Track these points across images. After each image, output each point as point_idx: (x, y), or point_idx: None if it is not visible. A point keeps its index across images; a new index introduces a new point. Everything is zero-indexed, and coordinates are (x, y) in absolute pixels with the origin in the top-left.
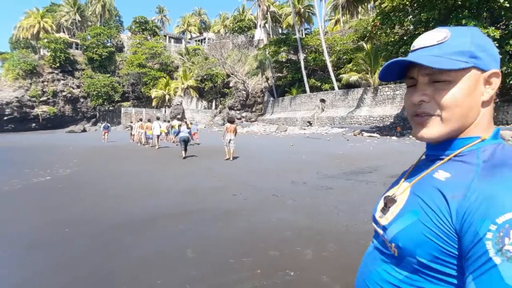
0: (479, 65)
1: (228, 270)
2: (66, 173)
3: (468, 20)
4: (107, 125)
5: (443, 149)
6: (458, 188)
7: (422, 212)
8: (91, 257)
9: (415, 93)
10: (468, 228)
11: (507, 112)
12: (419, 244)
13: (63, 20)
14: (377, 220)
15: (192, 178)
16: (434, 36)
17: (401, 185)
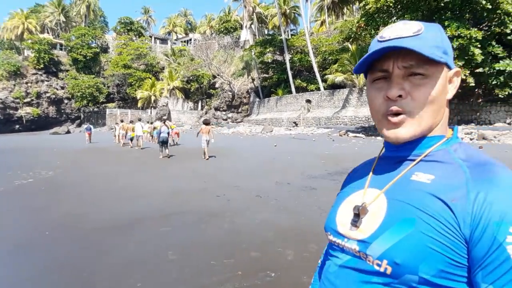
0: (448, 62)
1: (210, 272)
2: (49, 175)
3: (451, 21)
4: (89, 126)
5: (410, 149)
6: (454, 190)
7: (419, 220)
8: (72, 260)
9: (392, 87)
10: (482, 234)
11: (490, 112)
12: (422, 258)
13: (47, 20)
14: (343, 235)
15: (176, 179)
16: (407, 27)
17: (367, 192)
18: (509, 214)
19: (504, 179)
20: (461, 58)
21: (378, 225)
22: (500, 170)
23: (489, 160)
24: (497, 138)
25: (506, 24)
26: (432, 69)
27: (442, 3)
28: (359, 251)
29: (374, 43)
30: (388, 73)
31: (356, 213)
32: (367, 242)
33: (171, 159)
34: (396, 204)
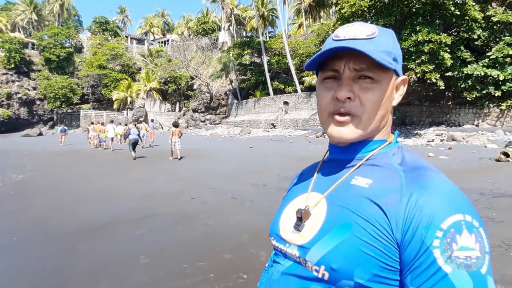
0: (397, 69)
1: (181, 275)
2: (19, 178)
3: (422, 26)
4: (64, 128)
5: (353, 152)
6: (388, 194)
7: (356, 225)
8: (41, 265)
9: (342, 88)
10: (412, 238)
11: (459, 114)
12: (358, 263)
13: (19, 19)
14: (286, 240)
15: (151, 182)
16: (362, 30)
17: (310, 195)
18: (437, 218)
19: (435, 184)
20: (432, 62)
21: (317, 230)
22: (432, 175)
23: (424, 165)
24: (465, 139)
25: (473, 30)
26: (382, 74)
27: (414, 8)
28: (299, 256)
29: (329, 41)
30: (339, 73)
31: (299, 217)
32: (306, 248)
33: (146, 161)
34: (335, 209)
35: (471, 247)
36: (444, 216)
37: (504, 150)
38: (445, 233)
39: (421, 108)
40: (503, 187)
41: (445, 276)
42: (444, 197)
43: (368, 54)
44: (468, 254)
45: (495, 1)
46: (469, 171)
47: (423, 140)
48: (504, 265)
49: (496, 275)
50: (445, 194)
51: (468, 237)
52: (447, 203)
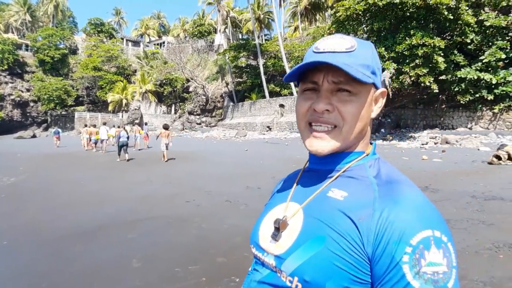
0: (376, 82)
1: (173, 279)
2: (11, 181)
3: (416, 30)
4: (57, 130)
5: (332, 163)
6: (362, 209)
7: (329, 238)
8: (31, 270)
9: (320, 101)
10: (382, 253)
11: (452, 117)
12: (329, 276)
13: (12, 20)
14: (264, 249)
15: (146, 184)
16: (342, 43)
17: (289, 205)
18: (407, 233)
19: (407, 199)
20: (426, 65)
21: (293, 241)
22: (406, 189)
23: (398, 178)
24: (458, 142)
25: (466, 34)
26: (359, 87)
27: (408, 12)
28: (275, 266)
29: (309, 53)
30: (318, 85)
31: (277, 227)
32: (282, 258)
33: (141, 164)
34: (311, 221)
35: (438, 262)
36: (413, 232)
37: (496, 153)
38: (414, 249)
39: (416, 111)
40: (494, 190)
41: None
42: (415, 212)
43: (344, 69)
44: (436, 270)
45: (488, 6)
46: (462, 174)
47: (417, 143)
48: (493, 267)
49: (485, 277)
50: (415, 209)
51: (436, 252)
52: (417, 218)
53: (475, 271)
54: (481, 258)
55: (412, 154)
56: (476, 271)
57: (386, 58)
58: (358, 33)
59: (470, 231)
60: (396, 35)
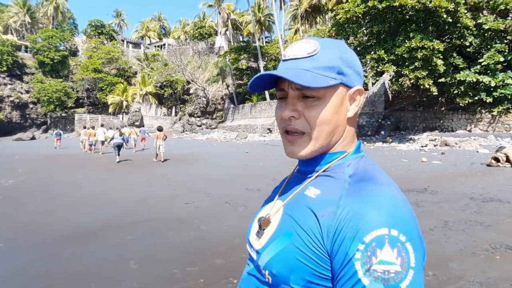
0: (345, 81)
1: (171, 281)
2: (9, 183)
3: (415, 33)
4: (59, 132)
5: (314, 164)
6: (327, 206)
7: (295, 234)
8: (28, 271)
9: (286, 108)
10: (338, 249)
11: (452, 119)
12: (293, 269)
13: (11, 21)
14: (251, 244)
15: (145, 186)
16: (304, 47)
17: (276, 203)
18: (362, 231)
19: (372, 197)
20: (425, 68)
21: (269, 237)
22: (374, 188)
23: (372, 177)
24: (458, 144)
25: (465, 37)
26: (323, 91)
27: (407, 15)
28: (256, 260)
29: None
30: (286, 92)
31: (259, 224)
32: (259, 253)
33: (140, 166)
34: (285, 218)
35: (391, 261)
36: (368, 230)
37: (494, 155)
38: (366, 247)
39: (415, 114)
40: (492, 192)
41: (363, 287)
42: (375, 210)
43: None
44: (387, 268)
45: (486, 9)
46: (461, 176)
47: (417, 145)
48: (490, 268)
49: (482, 277)
50: (377, 207)
51: (389, 251)
52: (375, 216)
53: (472, 272)
54: (478, 259)
55: (411, 156)
56: (473, 272)
57: (385, 61)
58: (358, 35)
59: (467, 233)
60: (395, 37)
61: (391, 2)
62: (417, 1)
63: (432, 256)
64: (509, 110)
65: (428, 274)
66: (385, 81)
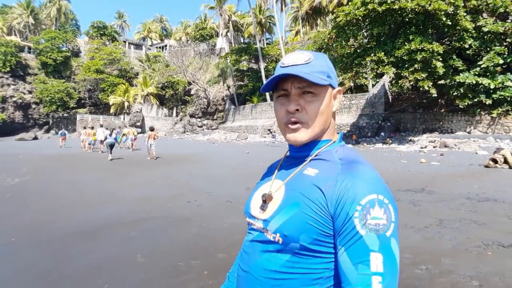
0: (332, 83)
1: (176, 273)
2: (14, 182)
3: (415, 35)
4: (64, 132)
5: (306, 150)
6: (328, 181)
7: (303, 203)
8: (38, 265)
9: (291, 103)
10: (341, 211)
11: (451, 121)
12: (302, 230)
13: (15, 22)
14: (254, 216)
15: (148, 185)
16: (301, 57)
17: (274, 182)
18: (358, 197)
19: (361, 173)
20: (425, 70)
21: (276, 208)
22: (361, 167)
23: (357, 159)
24: (457, 146)
25: (465, 40)
26: (319, 89)
27: (407, 18)
28: (263, 228)
29: (278, 68)
30: (288, 91)
31: (264, 199)
32: (267, 221)
33: (142, 165)
34: (290, 192)
35: (380, 217)
36: (363, 196)
37: (492, 157)
38: (362, 208)
39: (415, 115)
40: (488, 192)
41: (361, 237)
42: (365, 182)
43: (305, 77)
44: (378, 222)
45: (486, 12)
46: (458, 177)
47: (417, 146)
48: (481, 263)
49: (473, 272)
50: (366, 180)
51: (378, 210)
52: (366, 186)
53: (464, 267)
54: (470, 255)
55: (411, 157)
56: (464, 267)
57: (385, 63)
58: (358, 38)
59: (461, 230)
60: (395, 40)
61: (391, 5)
62: (417, 4)
63: (426, 252)
64: (509, 112)
65: (420, 268)
66: (385, 83)
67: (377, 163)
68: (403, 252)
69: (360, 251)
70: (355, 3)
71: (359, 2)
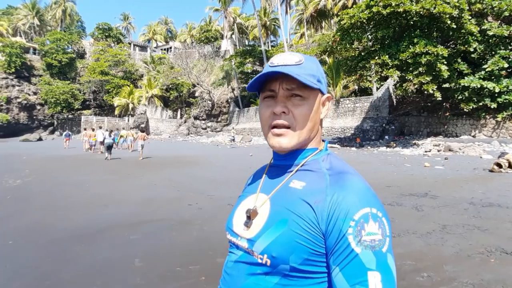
0: (321, 88)
1: (174, 278)
2: (16, 183)
3: (420, 39)
4: (68, 133)
5: (291, 159)
6: (317, 194)
7: (291, 220)
8: (36, 268)
9: (278, 105)
10: (333, 228)
11: (456, 125)
12: (292, 250)
13: (20, 23)
14: (237, 234)
15: (149, 188)
16: (291, 58)
17: (259, 197)
18: (351, 211)
19: (351, 185)
20: (429, 73)
21: (262, 226)
22: (351, 178)
23: (346, 169)
24: (461, 150)
25: (469, 43)
26: (308, 93)
27: (412, 21)
28: (248, 247)
29: (266, 67)
30: (275, 92)
31: (248, 215)
32: (253, 241)
33: (144, 168)
34: (276, 208)
35: (375, 232)
36: (356, 210)
37: (497, 161)
38: (356, 223)
39: (419, 119)
40: (492, 197)
41: (356, 255)
42: (357, 194)
43: (295, 77)
44: (373, 238)
45: (491, 16)
46: (462, 181)
47: (421, 150)
48: (484, 270)
49: (475, 279)
50: (357, 193)
51: (373, 225)
52: (358, 199)
53: (466, 274)
54: (472, 261)
55: (414, 161)
56: (467, 274)
57: (390, 66)
58: (363, 40)
59: (464, 236)
60: (399, 43)
61: (396, 8)
62: (422, 7)
63: (428, 259)
64: None
65: (422, 275)
66: (389, 86)
67: (381, 166)
68: (404, 258)
69: (357, 270)
70: (360, 6)
71: (364, 5)
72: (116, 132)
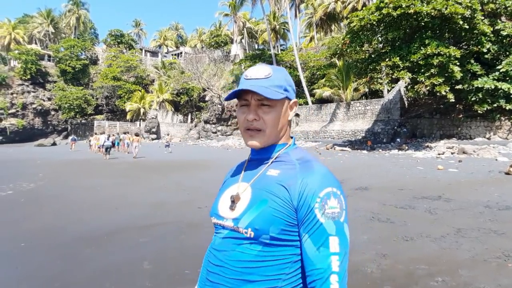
0: (288, 96)
1: (182, 280)
2: (30, 187)
3: (431, 40)
4: (74, 137)
5: (266, 153)
6: (290, 179)
7: (270, 200)
8: (46, 270)
9: (250, 113)
10: (303, 204)
11: (470, 127)
12: (271, 223)
13: (36, 31)
14: (223, 216)
15: (160, 191)
16: (262, 71)
17: (240, 185)
18: (317, 190)
19: (317, 170)
20: (441, 75)
21: (245, 206)
22: (315, 164)
23: (311, 158)
24: (476, 152)
25: (482, 44)
26: (275, 102)
27: (423, 22)
28: (234, 226)
29: (242, 79)
30: (249, 102)
31: (232, 200)
32: (238, 219)
33: (154, 172)
34: (257, 191)
35: (335, 206)
36: (321, 189)
37: None
38: (321, 199)
39: (432, 121)
40: (508, 200)
41: (321, 224)
42: (321, 177)
43: (262, 94)
44: (333, 210)
45: (504, 16)
46: (477, 184)
47: (434, 153)
48: (501, 275)
49: (492, 284)
50: (321, 176)
51: (334, 200)
52: (322, 181)
53: (482, 279)
54: (489, 266)
55: (427, 164)
56: (483, 279)
57: (401, 68)
58: (373, 43)
59: (480, 240)
60: (410, 44)
61: (406, 10)
62: (433, 8)
63: (442, 263)
64: None
65: (436, 280)
66: (401, 88)
67: (393, 169)
68: (417, 262)
69: (321, 235)
70: (370, 8)
71: (374, 7)
72: (116, 136)
